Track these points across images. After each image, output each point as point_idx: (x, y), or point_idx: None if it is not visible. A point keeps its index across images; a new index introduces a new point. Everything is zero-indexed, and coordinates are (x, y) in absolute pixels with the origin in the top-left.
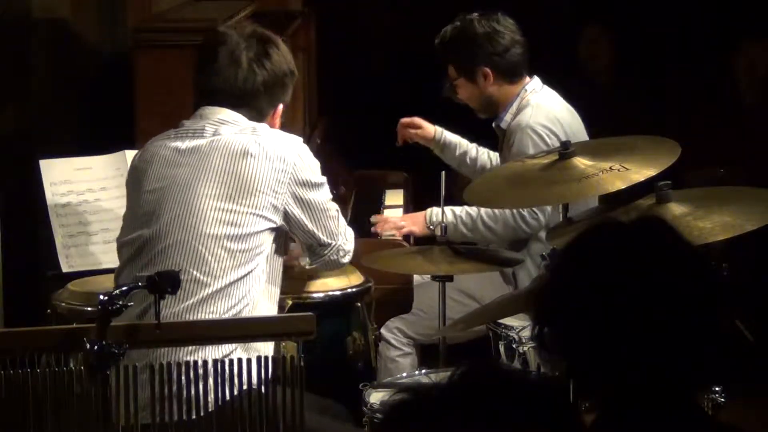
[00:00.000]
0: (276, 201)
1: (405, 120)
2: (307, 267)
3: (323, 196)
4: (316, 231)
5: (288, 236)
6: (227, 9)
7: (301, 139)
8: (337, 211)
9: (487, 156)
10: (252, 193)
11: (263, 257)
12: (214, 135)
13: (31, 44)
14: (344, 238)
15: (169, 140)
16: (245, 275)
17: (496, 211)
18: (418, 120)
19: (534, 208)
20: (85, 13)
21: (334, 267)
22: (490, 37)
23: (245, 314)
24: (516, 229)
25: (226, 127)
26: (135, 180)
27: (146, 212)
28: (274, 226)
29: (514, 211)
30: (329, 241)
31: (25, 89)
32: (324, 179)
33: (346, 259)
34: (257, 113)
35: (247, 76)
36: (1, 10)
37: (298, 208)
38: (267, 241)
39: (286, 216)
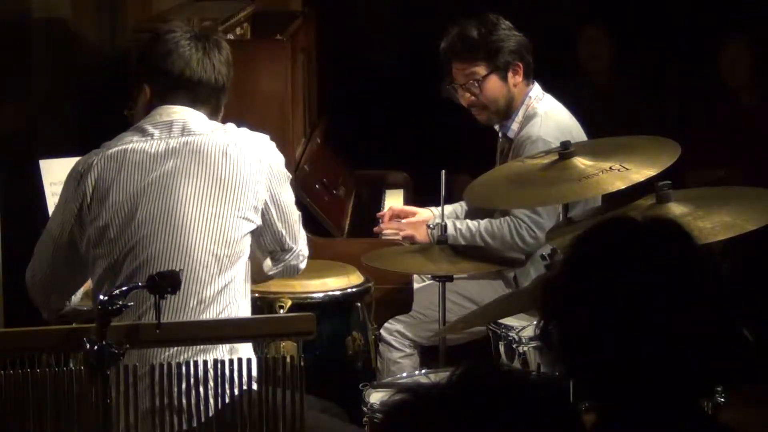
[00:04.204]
0: (256, 201)
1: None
2: (270, 273)
3: (291, 197)
4: (284, 233)
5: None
6: (227, 9)
7: (268, 137)
8: (299, 215)
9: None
10: (234, 194)
11: (243, 261)
12: (183, 135)
13: (31, 44)
14: (304, 243)
15: (134, 144)
16: (230, 281)
17: (495, 226)
18: (409, 209)
19: (532, 226)
20: (85, 13)
21: (293, 273)
22: (518, 33)
23: None
24: (513, 246)
25: (195, 126)
26: (103, 187)
27: (121, 222)
28: (254, 227)
29: (512, 228)
30: (292, 245)
31: (25, 89)
32: (289, 176)
33: (303, 265)
34: (215, 110)
35: (220, 70)
36: (1, 10)
37: (273, 209)
38: (247, 245)
39: (263, 216)
